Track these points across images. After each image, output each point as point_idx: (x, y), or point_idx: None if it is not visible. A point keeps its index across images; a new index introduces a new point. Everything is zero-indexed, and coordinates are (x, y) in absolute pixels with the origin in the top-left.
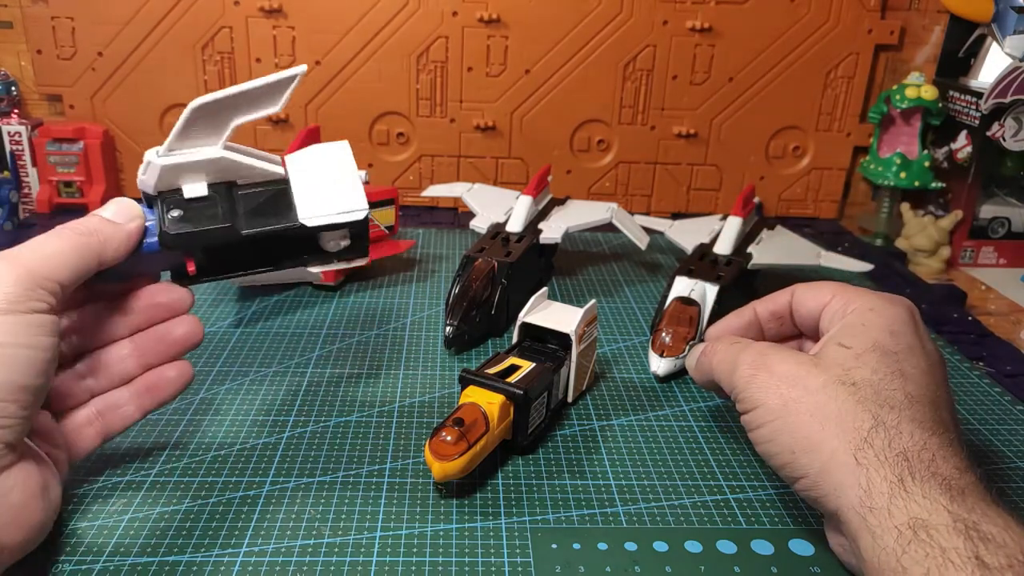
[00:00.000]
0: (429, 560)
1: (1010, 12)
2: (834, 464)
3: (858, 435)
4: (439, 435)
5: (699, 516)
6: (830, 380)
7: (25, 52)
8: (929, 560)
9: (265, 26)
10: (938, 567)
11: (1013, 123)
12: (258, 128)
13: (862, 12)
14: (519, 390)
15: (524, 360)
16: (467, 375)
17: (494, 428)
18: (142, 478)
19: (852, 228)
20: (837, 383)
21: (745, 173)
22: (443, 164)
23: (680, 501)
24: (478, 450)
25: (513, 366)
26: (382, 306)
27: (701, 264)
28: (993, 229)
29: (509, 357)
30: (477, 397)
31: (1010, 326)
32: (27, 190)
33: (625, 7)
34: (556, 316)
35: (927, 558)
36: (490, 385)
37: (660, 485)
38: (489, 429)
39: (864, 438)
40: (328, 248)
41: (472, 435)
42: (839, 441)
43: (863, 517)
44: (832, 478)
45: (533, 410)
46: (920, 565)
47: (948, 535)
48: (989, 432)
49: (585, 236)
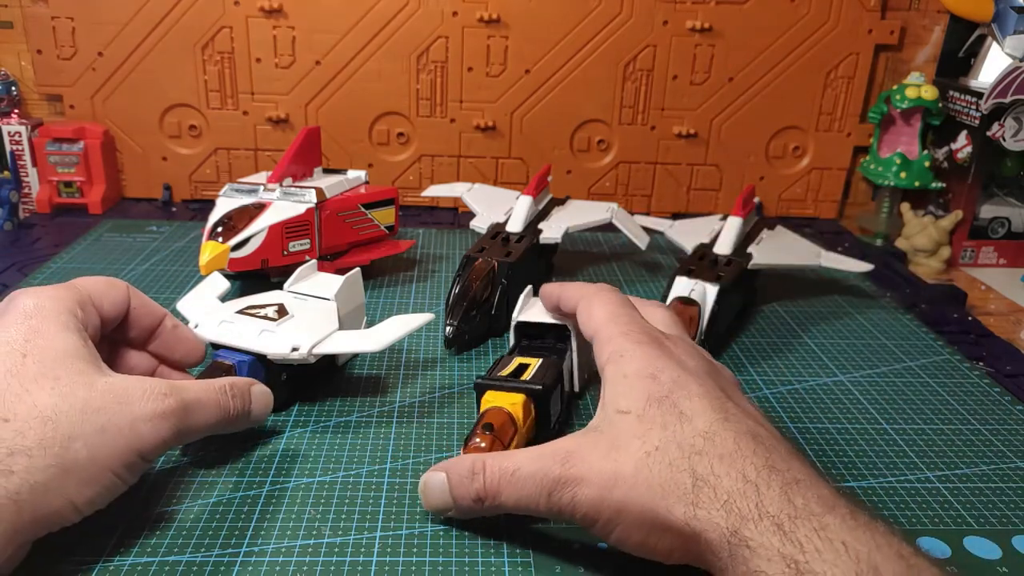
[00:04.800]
0: (429, 560)
1: (1010, 12)
2: (685, 535)
3: (686, 500)
4: (472, 442)
5: None
6: (638, 459)
7: (25, 52)
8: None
9: (265, 26)
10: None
11: (1013, 123)
12: (258, 128)
13: (862, 12)
14: (537, 385)
15: (530, 358)
16: (482, 381)
17: (521, 427)
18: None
19: (852, 228)
20: (644, 457)
21: (745, 173)
22: (443, 164)
23: None
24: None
25: (522, 365)
26: (382, 306)
27: (701, 264)
28: (993, 229)
29: (514, 358)
30: (498, 400)
31: (1010, 326)
32: (27, 190)
33: (625, 7)
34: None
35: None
36: (507, 386)
37: None
38: (517, 429)
39: (692, 501)
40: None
41: (504, 437)
42: (676, 513)
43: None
44: (691, 548)
45: (552, 403)
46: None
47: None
48: (989, 432)
49: (585, 236)
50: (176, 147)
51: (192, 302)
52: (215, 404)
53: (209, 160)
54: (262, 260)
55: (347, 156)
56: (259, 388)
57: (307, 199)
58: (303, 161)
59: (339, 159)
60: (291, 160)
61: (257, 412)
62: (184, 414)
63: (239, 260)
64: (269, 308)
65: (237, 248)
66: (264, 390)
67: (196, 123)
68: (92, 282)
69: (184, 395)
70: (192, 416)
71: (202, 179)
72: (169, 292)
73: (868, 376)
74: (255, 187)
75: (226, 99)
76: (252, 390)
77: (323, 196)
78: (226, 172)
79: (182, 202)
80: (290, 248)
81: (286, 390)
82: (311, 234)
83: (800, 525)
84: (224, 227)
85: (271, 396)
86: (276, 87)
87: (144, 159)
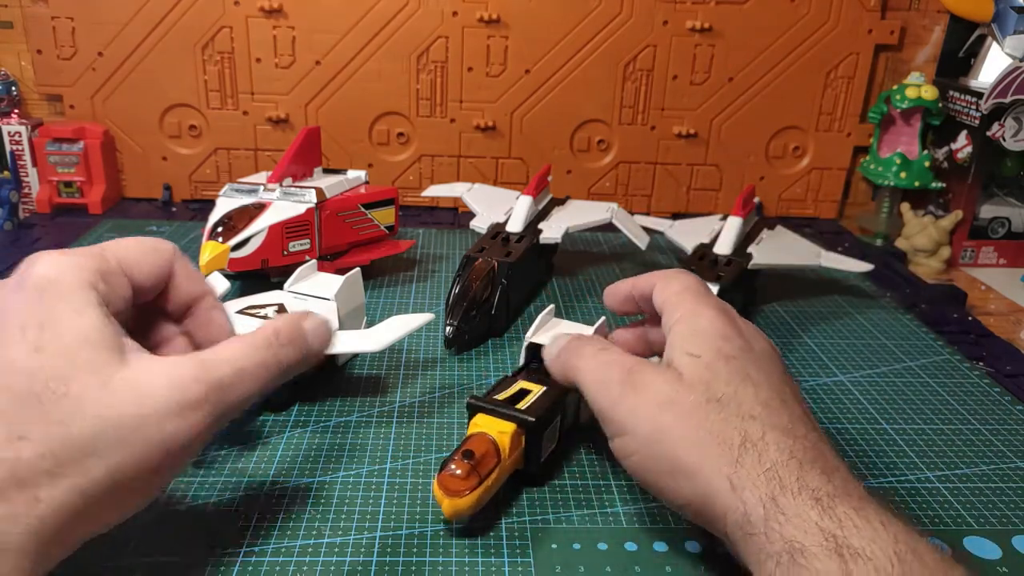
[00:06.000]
0: (429, 560)
1: (1010, 12)
2: (713, 490)
3: (730, 456)
4: (448, 468)
5: None
6: (699, 401)
7: (25, 52)
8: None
9: (265, 26)
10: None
11: (1013, 123)
12: (258, 128)
13: (862, 12)
14: (531, 418)
15: (534, 384)
16: (475, 402)
17: (505, 459)
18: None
19: (852, 228)
20: (705, 402)
21: (745, 173)
22: (443, 164)
23: None
24: (490, 484)
25: (523, 390)
26: (382, 306)
27: (701, 264)
28: (993, 229)
29: (518, 380)
30: (486, 426)
31: (1010, 326)
32: (27, 190)
33: (625, 7)
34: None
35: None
36: (499, 412)
37: None
38: (501, 460)
39: (736, 459)
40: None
41: (483, 468)
42: (714, 465)
43: (746, 543)
44: (714, 504)
45: (545, 437)
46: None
47: (822, 557)
48: (989, 432)
49: (585, 236)
50: (176, 147)
51: None
52: (260, 366)
53: (209, 160)
54: (262, 260)
55: (347, 156)
56: (312, 321)
57: (307, 199)
58: (303, 161)
59: (339, 159)
60: (291, 160)
61: (317, 348)
62: (220, 395)
63: (239, 260)
64: (269, 308)
65: (237, 248)
66: (319, 321)
67: (196, 123)
68: (127, 247)
69: (217, 373)
70: (231, 393)
71: (202, 179)
72: None
73: (868, 376)
74: (255, 187)
75: (226, 99)
76: (304, 327)
77: (323, 196)
78: (226, 172)
79: (182, 202)
80: (290, 248)
81: (286, 390)
82: (311, 234)
83: (839, 503)
84: (224, 227)
85: (328, 325)
86: (276, 87)
87: (144, 159)
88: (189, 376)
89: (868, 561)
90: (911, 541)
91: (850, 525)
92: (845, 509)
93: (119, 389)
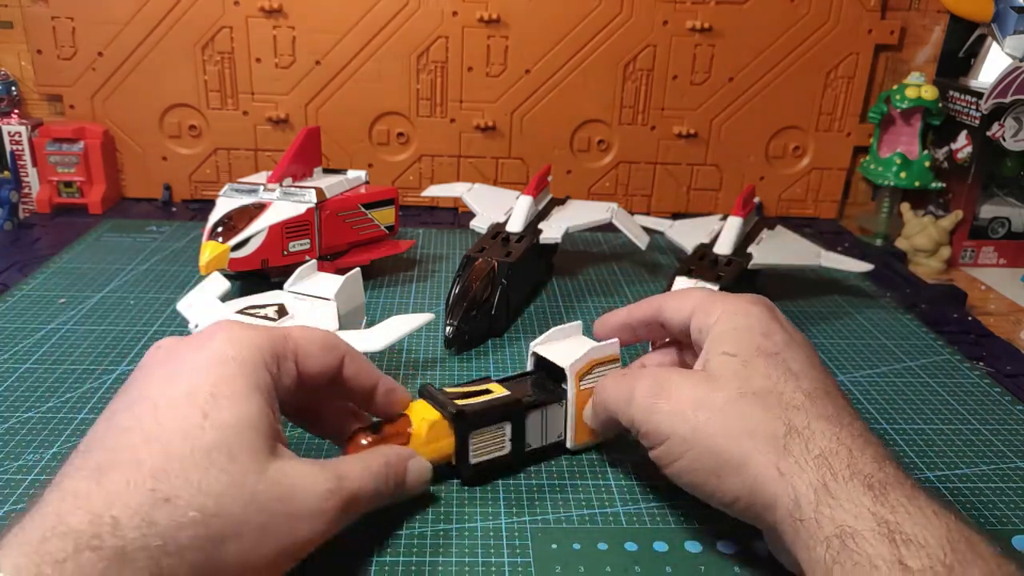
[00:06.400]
0: (429, 560)
1: (1010, 12)
2: (761, 480)
3: (776, 445)
4: (356, 437)
5: (699, 516)
6: (732, 395)
7: (25, 52)
8: (858, 569)
9: (265, 26)
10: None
11: (1013, 123)
12: (259, 128)
13: (862, 12)
14: (453, 410)
15: (503, 388)
16: (423, 389)
17: (422, 446)
18: None
19: (852, 228)
20: (739, 396)
21: (745, 173)
22: (443, 164)
23: (681, 501)
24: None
25: (486, 391)
26: (382, 306)
27: (701, 264)
28: (993, 229)
29: (492, 382)
30: (418, 411)
31: (1010, 326)
32: (27, 190)
33: (625, 7)
34: (567, 348)
35: (856, 567)
36: (434, 400)
37: (660, 485)
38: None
39: (783, 447)
40: None
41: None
42: (760, 456)
43: (796, 531)
44: (763, 495)
45: (483, 441)
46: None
47: (874, 541)
48: (989, 432)
49: (585, 236)
50: (176, 147)
51: (192, 302)
52: (374, 492)
53: (209, 160)
54: (262, 260)
55: (347, 156)
56: (416, 463)
57: (307, 199)
58: (303, 161)
59: (339, 159)
60: (291, 160)
61: (411, 486)
62: (345, 510)
63: (239, 260)
64: (269, 308)
65: (237, 248)
66: (422, 465)
67: (196, 123)
68: (306, 338)
69: (349, 490)
70: (352, 507)
71: (202, 179)
72: (169, 292)
73: (868, 376)
74: (255, 187)
75: (226, 99)
76: (409, 465)
77: (323, 196)
78: (226, 172)
79: (182, 202)
80: (290, 248)
81: None
82: (311, 234)
83: (891, 490)
84: (224, 227)
85: (429, 469)
86: (276, 87)
87: (144, 159)
88: (328, 488)
89: (921, 548)
90: (965, 531)
91: (903, 512)
92: (898, 496)
93: (271, 483)
